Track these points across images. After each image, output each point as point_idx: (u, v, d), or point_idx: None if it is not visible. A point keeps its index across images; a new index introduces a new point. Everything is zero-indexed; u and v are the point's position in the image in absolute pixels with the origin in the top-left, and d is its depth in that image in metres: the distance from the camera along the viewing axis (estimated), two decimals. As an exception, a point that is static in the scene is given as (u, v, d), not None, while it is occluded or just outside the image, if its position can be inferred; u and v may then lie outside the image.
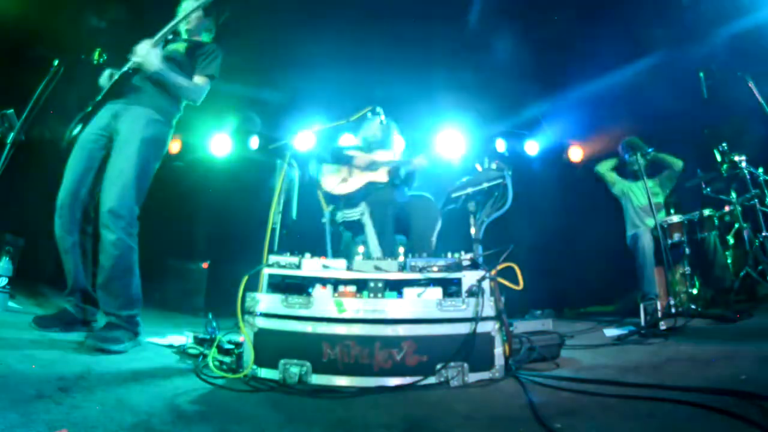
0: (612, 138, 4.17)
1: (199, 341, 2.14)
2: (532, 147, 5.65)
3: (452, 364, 1.67)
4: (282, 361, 1.67)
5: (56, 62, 2.33)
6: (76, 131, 2.15)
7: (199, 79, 2.33)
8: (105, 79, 2.24)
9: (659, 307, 2.81)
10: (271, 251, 2.05)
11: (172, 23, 2.19)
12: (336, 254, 3.00)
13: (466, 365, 1.68)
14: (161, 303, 4.40)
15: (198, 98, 2.35)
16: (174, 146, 5.38)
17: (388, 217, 2.73)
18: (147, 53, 2.10)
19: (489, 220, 2.39)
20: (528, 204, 4.14)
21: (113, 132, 2.14)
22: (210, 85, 2.38)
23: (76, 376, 1.42)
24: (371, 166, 3.04)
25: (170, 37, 2.32)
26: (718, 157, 3.38)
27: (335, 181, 3.03)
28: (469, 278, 1.83)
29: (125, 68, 2.16)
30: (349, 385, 1.64)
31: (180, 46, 2.36)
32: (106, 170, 2.05)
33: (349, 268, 1.93)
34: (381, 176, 2.99)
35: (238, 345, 1.94)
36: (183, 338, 2.30)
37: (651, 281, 3.22)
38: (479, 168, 2.51)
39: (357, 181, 2.99)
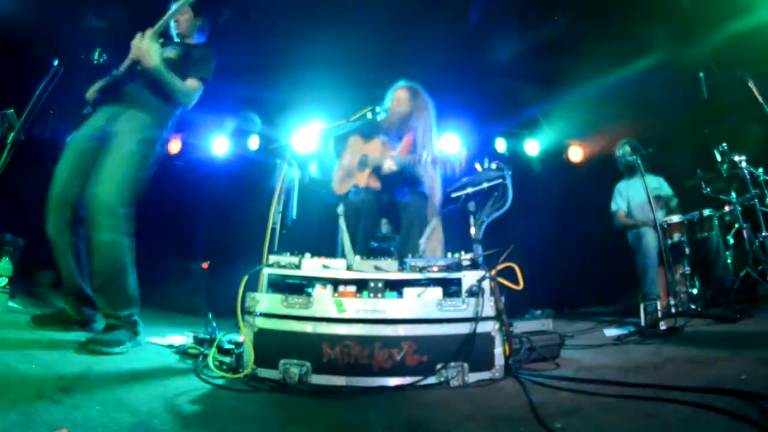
0: (612, 138, 4.16)
1: (199, 341, 2.14)
2: (532, 147, 5.65)
3: (452, 364, 1.67)
4: (282, 361, 1.67)
5: (56, 62, 2.33)
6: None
7: (191, 82, 2.29)
8: (93, 91, 2.23)
9: (659, 307, 2.81)
10: (271, 251, 2.05)
11: (164, 19, 2.18)
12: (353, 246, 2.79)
13: (466, 365, 1.68)
14: (161, 303, 4.40)
15: (190, 101, 2.32)
16: (174, 146, 5.39)
17: (361, 219, 2.59)
18: (147, 48, 2.08)
19: (489, 220, 2.40)
20: (528, 204, 4.13)
21: (108, 134, 2.11)
22: (202, 88, 2.35)
23: (76, 376, 1.42)
24: (360, 166, 2.90)
25: (161, 40, 2.30)
26: (718, 157, 3.38)
27: (337, 182, 2.94)
28: (469, 278, 1.83)
29: (126, 64, 2.14)
30: (349, 385, 1.64)
31: (172, 52, 2.33)
32: (99, 169, 2.02)
33: (349, 268, 1.93)
34: (361, 180, 2.86)
35: (238, 345, 1.94)
36: (183, 338, 2.31)
37: (654, 281, 3.22)
38: (479, 168, 2.51)
39: (345, 186, 2.89)
